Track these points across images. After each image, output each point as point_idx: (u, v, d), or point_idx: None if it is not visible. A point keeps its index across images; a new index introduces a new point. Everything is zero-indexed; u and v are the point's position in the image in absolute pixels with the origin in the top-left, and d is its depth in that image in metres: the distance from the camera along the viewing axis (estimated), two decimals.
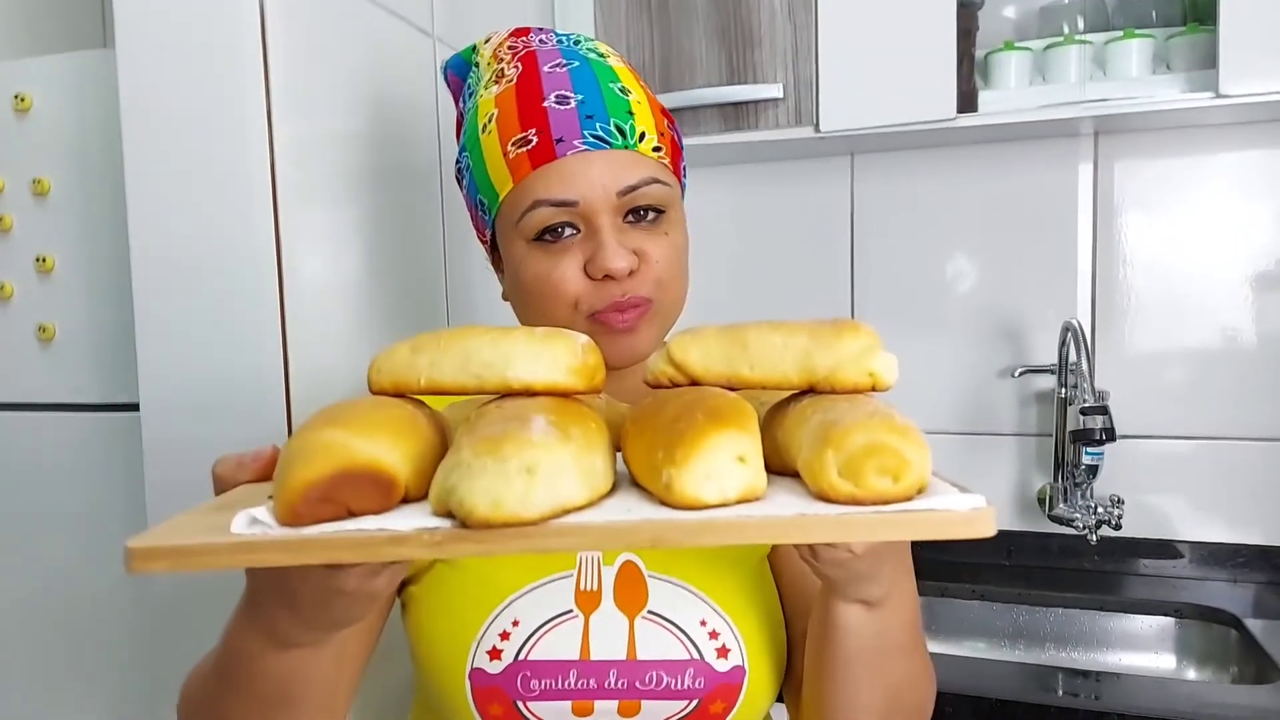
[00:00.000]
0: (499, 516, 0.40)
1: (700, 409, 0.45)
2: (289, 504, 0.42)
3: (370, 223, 1.13)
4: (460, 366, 0.50)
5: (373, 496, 0.44)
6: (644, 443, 0.47)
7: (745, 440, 0.44)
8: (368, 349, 1.13)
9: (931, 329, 1.64)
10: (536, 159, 0.75)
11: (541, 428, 0.43)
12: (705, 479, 0.43)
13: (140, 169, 1.02)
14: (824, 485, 0.43)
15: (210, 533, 0.42)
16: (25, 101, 1.19)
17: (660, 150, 0.79)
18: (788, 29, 1.41)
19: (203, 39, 0.98)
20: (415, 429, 0.48)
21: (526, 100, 0.76)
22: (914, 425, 0.44)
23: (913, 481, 0.42)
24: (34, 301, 1.21)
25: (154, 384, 1.04)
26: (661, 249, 0.77)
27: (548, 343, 0.50)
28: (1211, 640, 1.40)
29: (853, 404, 0.46)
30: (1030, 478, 1.61)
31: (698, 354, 0.52)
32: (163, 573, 0.41)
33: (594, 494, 0.44)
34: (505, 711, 0.76)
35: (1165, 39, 1.39)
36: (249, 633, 0.57)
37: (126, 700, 1.22)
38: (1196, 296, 1.51)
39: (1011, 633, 1.50)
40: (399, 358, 0.52)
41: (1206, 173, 1.49)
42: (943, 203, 1.62)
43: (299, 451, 0.43)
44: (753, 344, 0.51)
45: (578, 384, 0.50)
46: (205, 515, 0.46)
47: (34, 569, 1.25)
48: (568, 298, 0.75)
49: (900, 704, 0.70)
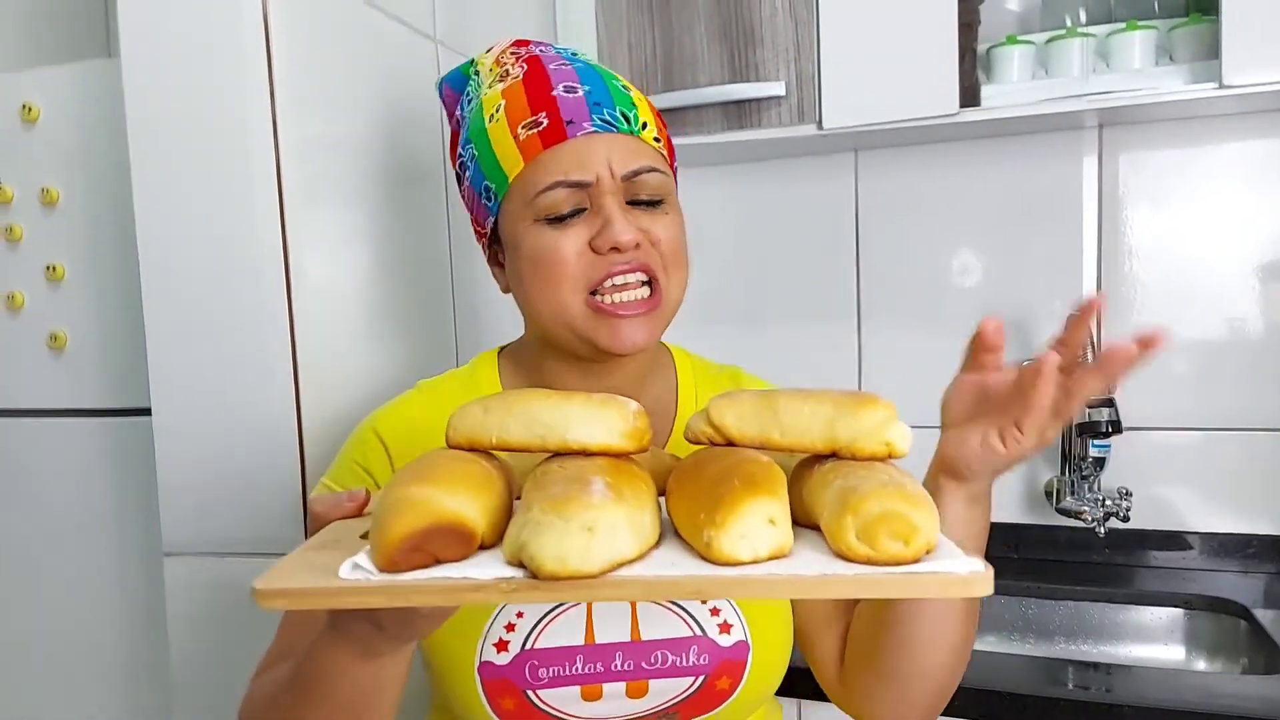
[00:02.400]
0: (565, 570, 0.46)
1: (738, 475, 0.51)
2: (387, 554, 0.49)
3: (376, 225, 1.13)
4: (526, 428, 0.57)
5: (456, 546, 0.51)
6: (687, 502, 0.53)
7: (775, 505, 0.50)
8: (375, 349, 1.14)
9: (937, 323, 1.63)
10: (548, 139, 0.77)
11: (600, 489, 0.50)
12: (740, 539, 0.49)
13: (147, 176, 1.03)
14: (843, 546, 0.49)
15: (320, 575, 0.49)
16: (32, 111, 1.20)
17: (659, 142, 0.82)
18: (789, 26, 1.41)
19: (207, 46, 0.99)
20: (490, 483, 0.55)
21: (535, 89, 0.79)
22: (924, 493, 0.50)
23: (921, 544, 0.48)
24: (45, 310, 1.23)
25: (165, 388, 1.05)
26: (664, 227, 0.80)
27: (603, 409, 0.57)
28: (1221, 631, 1.40)
29: (870, 471, 0.52)
30: (1037, 471, 1.60)
31: (734, 418, 0.58)
32: (284, 608, 0.49)
33: (644, 546, 0.51)
34: (517, 703, 0.78)
35: (1168, 30, 1.39)
36: (336, 649, 0.62)
37: (139, 700, 1.23)
38: (1202, 287, 1.51)
39: (1021, 626, 1.50)
40: (472, 418, 0.59)
41: (1211, 163, 1.49)
42: (947, 198, 1.62)
43: (395, 506, 0.50)
44: (783, 412, 0.57)
45: (628, 446, 0.56)
46: (311, 555, 0.54)
47: (48, 572, 1.26)
48: (570, 270, 0.77)
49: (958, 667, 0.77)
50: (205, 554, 1.05)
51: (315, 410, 1.02)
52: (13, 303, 1.23)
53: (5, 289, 1.24)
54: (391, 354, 1.16)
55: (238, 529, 1.03)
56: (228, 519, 1.04)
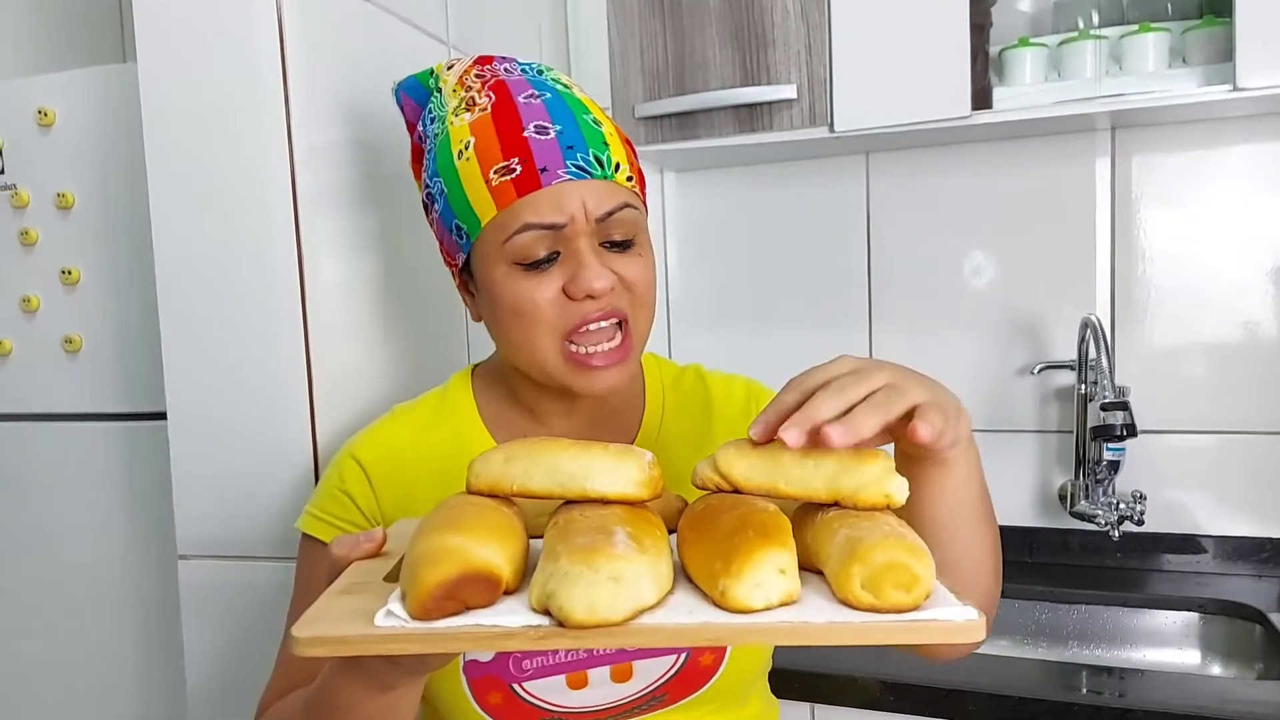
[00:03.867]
0: (593, 620, 0.49)
1: (751, 526, 0.54)
2: (420, 602, 0.51)
3: (388, 228, 1.14)
4: (548, 476, 0.60)
5: (484, 593, 0.53)
6: (701, 551, 0.56)
7: (785, 556, 0.53)
8: (388, 352, 1.14)
9: (949, 327, 1.63)
10: (522, 187, 0.77)
11: (623, 540, 0.53)
12: (754, 588, 0.51)
13: (163, 180, 1.03)
14: (849, 595, 0.52)
15: (355, 621, 0.52)
16: (48, 116, 1.21)
17: (632, 180, 0.82)
18: (801, 29, 1.41)
19: (222, 51, 0.99)
20: (514, 531, 0.58)
21: (506, 129, 0.78)
22: (923, 544, 0.53)
23: (921, 593, 0.51)
24: (61, 313, 1.23)
25: (180, 391, 1.05)
26: (636, 270, 0.80)
27: (621, 460, 0.60)
28: (1236, 636, 1.39)
29: (873, 522, 0.55)
30: (1051, 474, 1.60)
31: (742, 469, 0.61)
32: (323, 655, 0.52)
33: (662, 593, 0.53)
34: (504, 697, 0.79)
35: (1181, 32, 1.38)
36: (351, 683, 0.63)
37: (153, 701, 1.24)
38: (1217, 290, 1.50)
39: (1034, 630, 1.50)
40: (494, 466, 0.61)
41: (1225, 166, 1.48)
42: (959, 200, 1.62)
43: (428, 555, 0.52)
44: (788, 464, 0.60)
45: (643, 495, 0.59)
46: (342, 600, 0.56)
47: (63, 575, 1.27)
48: (544, 316, 0.78)
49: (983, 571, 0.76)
50: (219, 557, 1.06)
51: (329, 414, 1.03)
52: (28, 306, 1.24)
53: (21, 292, 1.24)
54: (404, 358, 1.16)
55: (252, 532, 1.04)
56: (242, 522, 1.04)
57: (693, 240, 1.80)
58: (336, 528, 0.84)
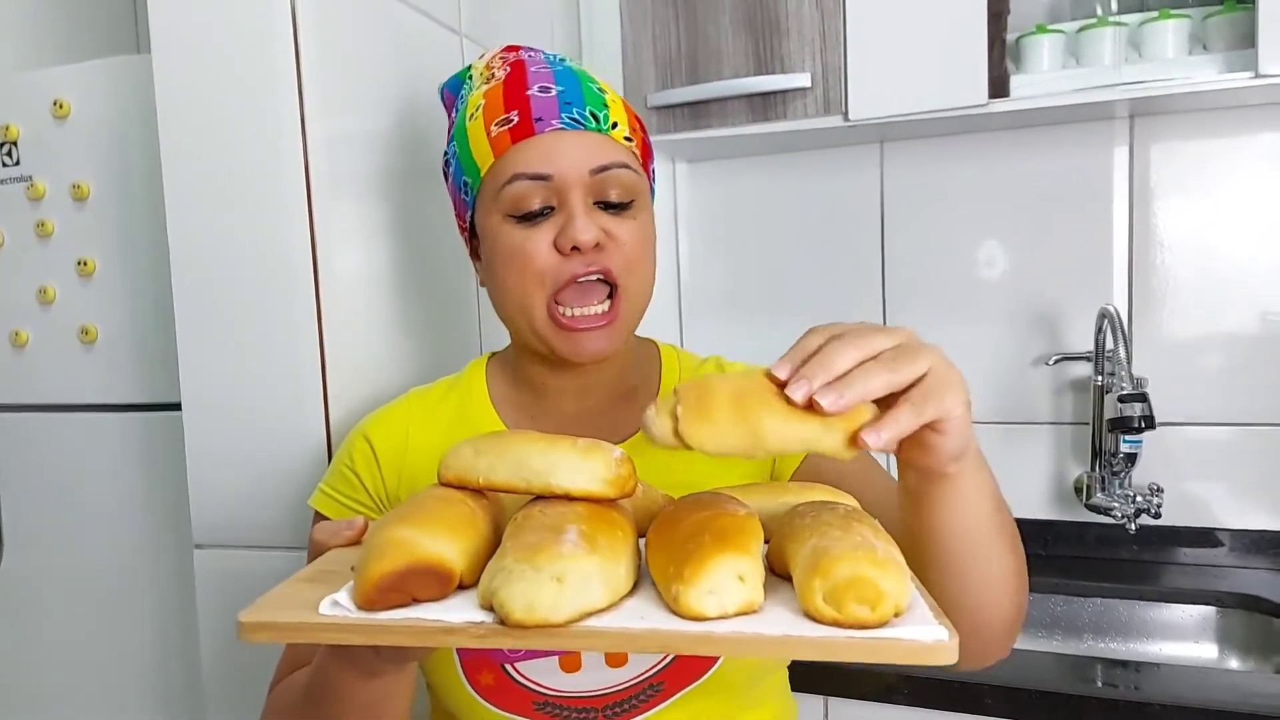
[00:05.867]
0: (532, 619, 0.48)
1: (710, 530, 0.53)
2: (365, 593, 0.51)
3: (401, 218, 1.14)
4: (513, 470, 0.59)
5: (434, 586, 0.53)
6: (660, 555, 0.55)
7: (745, 562, 0.51)
8: (401, 342, 1.14)
9: (965, 317, 1.62)
10: (516, 135, 0.79)
11: (573, 540, 0.51)
12: (708, 594, 0.50)
13: (178, 171, 1.04)
14: (811, 608, 0.50)
15: (302, 610, 0.52)
16: (64, 107, 1.21)
17: (631, 141, 0.83)
18: (815, 17, 1.40)
19: (236, 42, 0.99)
20: (473, 525, 0.57)
21: (512, 90, 0.81)
22: (895, 557, 0.51)
23: (888, 609, 0.49)
24: (76, 304, 1.24)
25: (195, 382, 1.06)
26: (629, 231, 0.81)
27: (587, 456, 0.58)
28: (1253, 630, 1.38)
29: (845, 532, 0.53)
30: (1067, 467, 1.59)
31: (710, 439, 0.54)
32: (265, 641, 0.52)
33: (615, 596, 0.52)
34: (496, 678, 0.79)
35: (1202, 18, 1.36)
36: (341, 668, 0.64)
37: (170, 691, 1.25)
38: (1236, 280, 1.48)
39: (1049, 623, 1.49)
40: (463, 459, 0.61)
41: (1245, 154, 1.47)
42: (975, 189, 1.61)
43: (376, 546, 0.52)
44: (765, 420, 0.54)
45: (610, 493, 0.58)
46: (301, 586, 0.57)
47: (79, 565, 1.28)
48: (536, 270, 0.79)
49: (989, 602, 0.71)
50: (235, 546, 1.06)
51: (342, 403, 1.03)
52: (44, 297, 1.25)
53: (37, 283, 1.25)
54: (417, 347, 1.17)
55: (267, 521, 1.04)
56: (257, 512, 1.05)
57: (705, 230, 1.79)
58: (344, 505, 0.86)
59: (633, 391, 0.89)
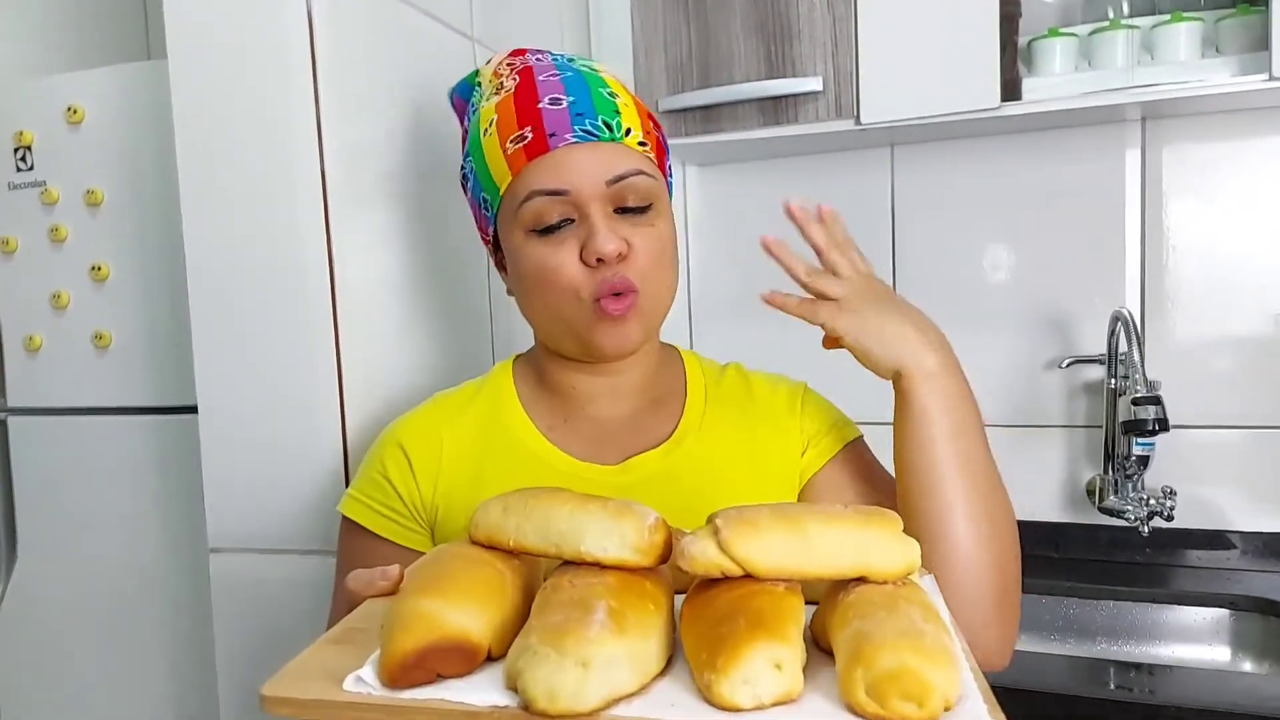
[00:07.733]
0: (555, 709, 0.46)
1: (744, 613, 0.49)
2: (389, 670, 0.50)
3: (416, 222, 1.14)
4: (541, 534, 0.57)
5: (459, 663, 0.52)
6: (693, 635, 0.51)
7: (783, 649, 0.48)
8: (417, 346, 1.14)
9: (977, 321, 1.62)
10: (531, 152, 0.80)
11: (600, 620, 0.49)
12: (742, 684, 0.46)
13: (193, 176, 1.04)
14: (852, 701, 0.46)
15: (327, 682, 0.52)
16: (78, 114, 1.22)
17: (645, 145, 0.84)
18: (827, 21, 1.40)
19: (252, 48, 1.00)
20: (502, 592, 0.56)
21: (523, 104, 0.82)
22: (947, 645, 0.47)
23: (937, 704, 0.44)
24: (90, 309, 1.25)
25: (211, 386, 1.06)
26: (646, 239, 0.81)
27: (618, 520, 0.55)
28: (1267, 633, 1.37)
29: (891, 613, 0.49)
30: (1079, 470, 1.59)
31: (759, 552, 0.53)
32: (288, 716, 0.52)
33: (645, 678, 0.50)
34: None
35: (1215, 21, 1.36)
36: None
37: (185, 694, 1.25)
38: (1249, 283, 1.48)
39: (1062, 626, 1.49)
40: (492, 517, 0.59)
41: (1258, 157, 1.46)
42: (986, 193, 1.60)
43: (400, 619, 0.51)
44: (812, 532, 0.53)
45: (642, 561, 0.55)
46: (328, 651, 0.56)
47: (95, 568, 1.28)
48: (568, 285, 0.80)
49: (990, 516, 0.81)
50: (250, 550, 1.07)
51: (358, 407, 1.03)
52: (58, 302, 1.25)
53: (51, 288, 1.26)
54: (432, 352, 1.17)
55: (283, 525, 1.04)
56: (273, 515, 1.05)
57: (716, 234, 1.79)
58: (376, 512, 0.86)
59: (660, 397, 0.90)
